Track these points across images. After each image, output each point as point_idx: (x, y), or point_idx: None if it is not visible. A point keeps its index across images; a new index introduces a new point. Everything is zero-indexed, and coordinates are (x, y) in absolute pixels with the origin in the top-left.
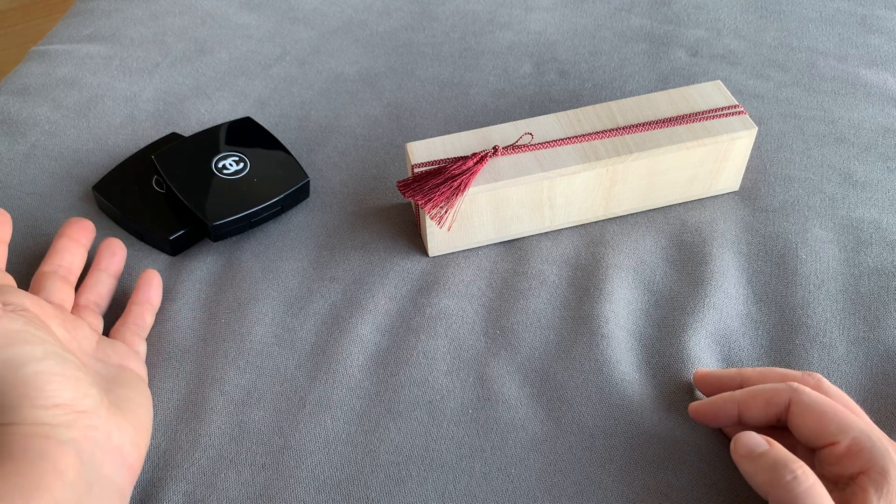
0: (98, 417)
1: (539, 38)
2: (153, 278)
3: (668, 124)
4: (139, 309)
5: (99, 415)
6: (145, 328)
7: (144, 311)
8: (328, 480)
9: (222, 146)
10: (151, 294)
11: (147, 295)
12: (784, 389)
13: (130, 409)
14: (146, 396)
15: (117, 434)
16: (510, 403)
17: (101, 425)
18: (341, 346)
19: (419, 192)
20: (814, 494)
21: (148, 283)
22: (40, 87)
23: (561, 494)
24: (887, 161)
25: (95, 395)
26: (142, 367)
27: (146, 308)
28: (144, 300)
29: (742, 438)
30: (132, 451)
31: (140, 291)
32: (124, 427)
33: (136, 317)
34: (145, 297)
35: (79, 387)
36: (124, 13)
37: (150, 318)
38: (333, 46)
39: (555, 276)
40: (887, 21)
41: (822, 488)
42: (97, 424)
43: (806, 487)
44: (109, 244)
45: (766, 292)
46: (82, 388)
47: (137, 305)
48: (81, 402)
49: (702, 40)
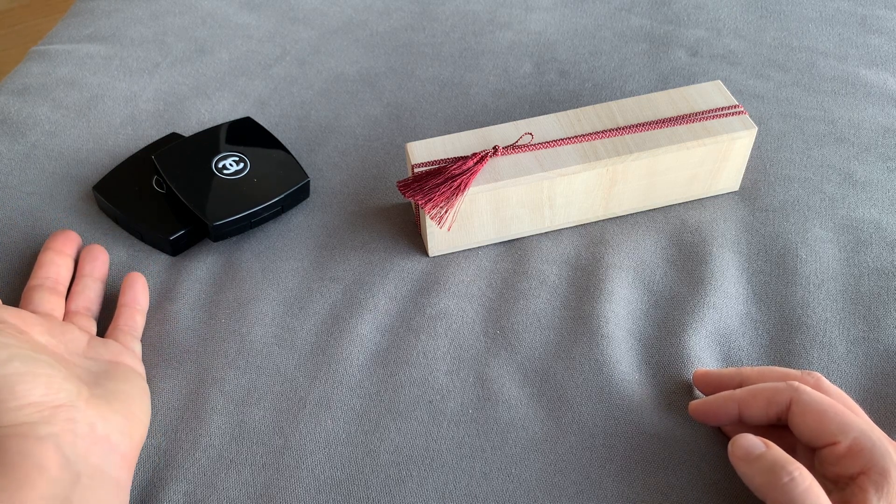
0: (76, 410)
1: (539, 38)
2: (136, 280)
3: (668, 124)
4: (128, 311)
5: (77, 407)
6: (137, 329)
7: (134, 313)
8: (328, 480)
9: (222, 146)
10: (137, 296)
11: (133, 297)
12: (785, 389)
13: (120, 400)
14: (141, 388)
15: (102, 424)
16: (510, 403)
17: (81, 417)
18: (341, 345)
19: (419, 192)
20: (811, 496)
21: (131, 285)
22: (40, 87)
23: (561, 494)
24: (887, 161)
25: (71, 388)
26: (137, 363)
27: (135, 309)
28: (131, 302)
29: (739, 440)
30: (122, 441)
31: (125, 294)
32: (110, 417)
33: (127, 318)
34: (132, 299)
35: (51, 383)
36: (124, 13)
37: (141, 319)
38: (333, 46)
39: (555, 276)
40: (887, 21)
41: (820, 489)
42: (76, 417)
43: (803, 489)
44: (90, 250)
45: (766, 292)
46: (55, 384)
47: (126, 308)
48: (55, 397)
49: (702, 40)
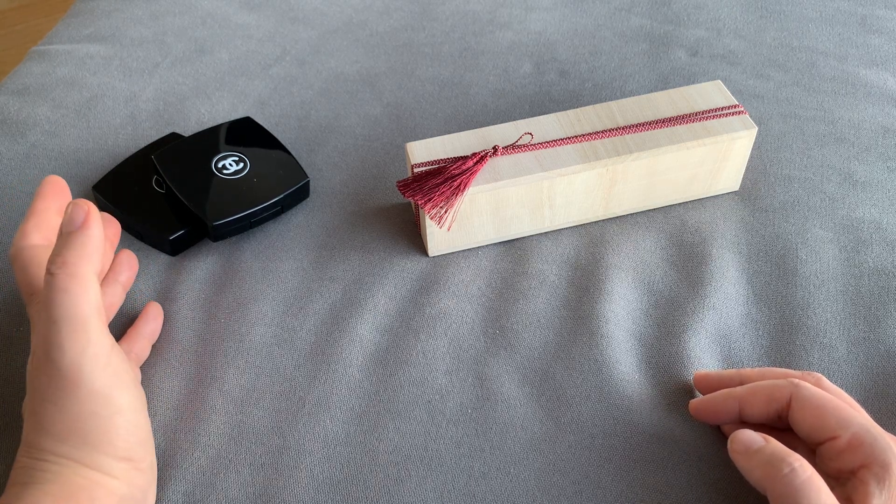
0: (147, 479)
1: (539, 38)
2: (159, 314)
3: (668, 124)
4: (143, 341)
5: (149, 477)
6: (144, 358)
7: (146, 343)
8: (327, 480)
9: (222, 146)
10: (156, 327)
11: (152, 327)
12: (785, 385)
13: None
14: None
15: (151, 497)
16: (509, 403)
17: (147, 488)
18: (341, 345)
19: (419, 192)
20: (812, 486)
21: (156, 318)
22: (40, 87)
23: (560, 494)
24: (887, 161)
25: (153, 457)
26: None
27: (148, 339)
28: (149, 332)
29: (738, 435)
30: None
31: (148, 323)
32: (154, 492)
33: (140, 349)
34: (151, 330)
35: (147, 445)
36: (124, 13)
37: (149, 349)
38: (333, 46)
39: (555, 276)
40: (887, 21)
41: (820, 480)
42: (144, 486)
43: (804, 479)
44: (129, 257)
45: (766, 292)
46: (148, 447)
47: (142, 337)
48: (145, 461)
49: (702, 40)
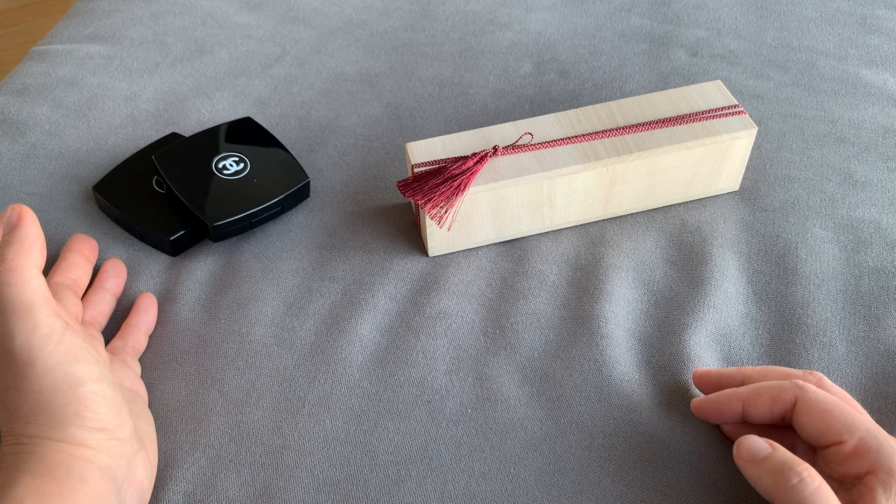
0: (129, 448)
1: (539, 38)
2: (152, 304)
3: (667, 124)
4: (138, 333)
5: (131, 446)
6: (141, 350)
7: (143, 335)
8: (327, 480)
9: (222, 146)
10: (151, 320)
11: (146, 318)
12: (790, 387)
13: (148, 441)
14: (153, 426)
15: (141, 468)
16: (509, 403)
17: (131, 457)
18: (341, 345)
19: (419, 192)
20: (821, 497)
21: (147, 308)
22: (40, 87)
23: (560, 494)
24: (887, 161)
25: (131, 425)
26: (145, 391)
27: (143, 331)
28: (144, 326)
29: (744, 442)
30: (148, 488)
31: (140, 315)
32: (145, 461)
33: (136, 341)
34: (145, 323)
35: (122, 414)
36: (124, 13)
37: (146, 340)
38: (333, 46)
39: (555, 276)
40: (887, 21)
41: (829, 490)
42: (128, 455)
43: (813, 490)
44: (115, 264)
45: (766, 292)
46: (123, 416)
47: (136, 328)
48: (121, 429)
49: (702, 40)
